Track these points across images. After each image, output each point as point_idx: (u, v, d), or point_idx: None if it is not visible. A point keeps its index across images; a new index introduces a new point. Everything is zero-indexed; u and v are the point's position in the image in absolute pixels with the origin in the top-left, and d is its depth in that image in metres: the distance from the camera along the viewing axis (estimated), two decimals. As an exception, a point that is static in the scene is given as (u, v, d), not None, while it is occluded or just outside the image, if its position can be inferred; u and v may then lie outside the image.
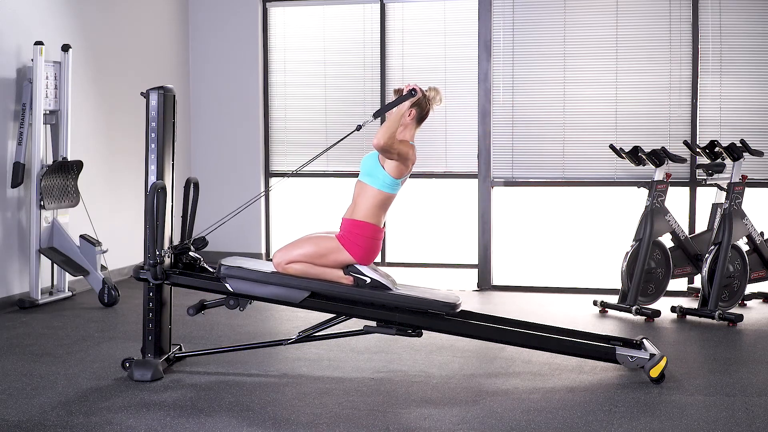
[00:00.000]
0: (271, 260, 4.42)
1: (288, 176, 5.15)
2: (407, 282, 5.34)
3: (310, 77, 7.99)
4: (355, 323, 4.43)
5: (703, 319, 5.71)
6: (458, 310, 4.29)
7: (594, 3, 6.89)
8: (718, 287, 5.70)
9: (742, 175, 5.85)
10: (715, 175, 6.00)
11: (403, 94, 4.33)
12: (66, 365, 4.53)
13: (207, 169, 8.18)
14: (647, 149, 6.20)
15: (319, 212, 8.07)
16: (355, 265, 4.28)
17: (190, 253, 4.47)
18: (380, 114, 4.40)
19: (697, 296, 6.35)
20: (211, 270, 4.44)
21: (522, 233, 7.20)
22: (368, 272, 4.28)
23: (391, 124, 4.18)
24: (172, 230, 4.47)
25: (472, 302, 6.41)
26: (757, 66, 6.65)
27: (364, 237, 4.24)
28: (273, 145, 8.13)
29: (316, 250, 4.25)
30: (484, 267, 7.00)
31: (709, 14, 6.69)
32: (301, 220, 8.14)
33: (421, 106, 4.34)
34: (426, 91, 4.37)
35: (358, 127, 4.45)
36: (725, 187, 5.89)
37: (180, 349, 4.59)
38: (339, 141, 4.72)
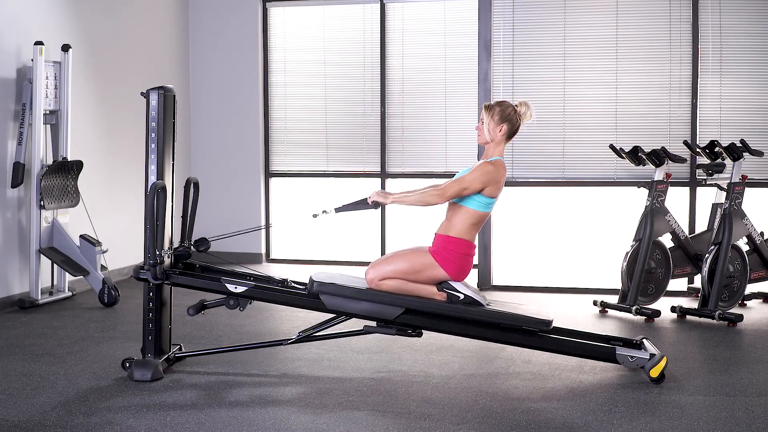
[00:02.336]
0: (363, 275, 4.39)
1: (283, 223, 5.15)
2: (501, 298, 5.31)
3: (310, 77, 7.99)
4: (355, 323, 4.43)
5: (703, 319, 5.71)
6: (551, 327, 4.29)
7: (594, 3, 6.89)
8: (718, 287, 5.70)
9: (742, 175, 5.86)
10: (715, 175, 6.00)
11: (369, 203, 4.41)
12: (66, 365, 4.53)
13: (207, 169, 8.18)
14: (647, 149, 6.20)
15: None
16: (449, 282, 4.28)
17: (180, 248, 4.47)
18: (341, 210, 4.49)
19: (697, 296, 6.35)
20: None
21: (522, 233, 7.20)
22: (462, 288, 4.28)
23: (418, 204, 4.28)
24: (172, 230, 4.47)
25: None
26: (757, 66, 6.65)
27: (458, 253, 4.25)
28: (273, 145, 8.13)
29: (409, 266, 4.25)
30: (484, 267, 7.00)
31: (709, 14, 6.69)
32: (301, 221, 8.14)
33: (512, 121, 4.32)
34: (517, 105, 4.35)
35: (321, 213, 4.57)
36: (725, 187, 5.89)
37: (180, 349, 4.60)
38: (308, 220, 4.81)
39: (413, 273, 4.25)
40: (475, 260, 7.06)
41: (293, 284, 4.49)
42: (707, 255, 5.79)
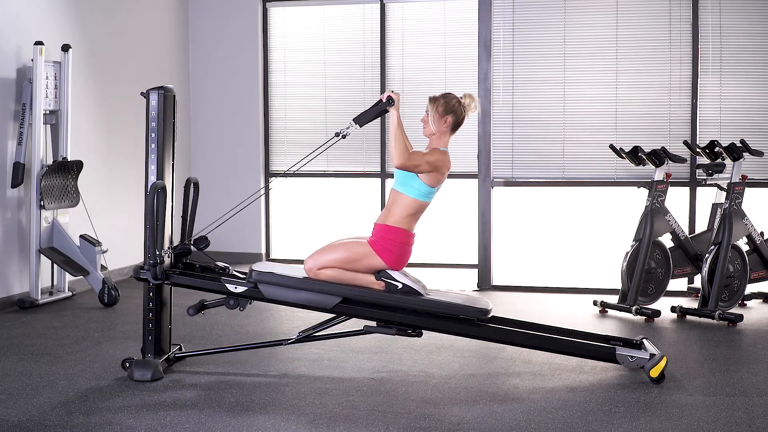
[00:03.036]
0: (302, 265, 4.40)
1: (283, 176, 5.15)
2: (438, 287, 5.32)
3: (310, 77, 7.99)
4: (355, 323, 4.43)
5: (703, 319, 5.71)
6: (489, 315, 4.29)
7: (594, 3, 6.89)
8: (718, 287, 5.69)
9: (742, 175, 5.85)
10: (715, 175, 6.00)
11: (381, 101, 4.33)
12: (66, 365, 4.53)
13: (207, 169, 8.18)
14: (647, 149, 6.20)
15: (319, 212, 8.08)
16: (387, 271, 4.28)
17: (195, 250, 4.47)
18: (361, 121, 4.39)
19: (697, 296, 6.35)
20: (221, 266, 4.44)
21: (522, 233, 7.20)
22: (400, 277, 4.28)
23: (396, 140, 4.20)
24: (172, 230, 4.47)
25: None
26: (757, 66, 6.65)
27: (396, 243, 4.25)
28: (273, 145, 8.13)
29: (348, 255, 4.25)
30: (484, 267, 7.00)
31: (709, 14, 6.69)
32: (301, 220, 8.15)
33: (456, 113, 4.34)
34: (462, 97, 4.36)
35: (339, 135, 4.44)
36: (725, 187, 5.89)
37: (180, 349, 4.60)
38: (322, 149, 4.71)
39: (351, 262, 4.25)
40: (475, 260, 7.14)
41: (234, 273, 4.48)
42: (707, 255, 5.79)
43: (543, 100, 6.96)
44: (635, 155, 6.18)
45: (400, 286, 4.26)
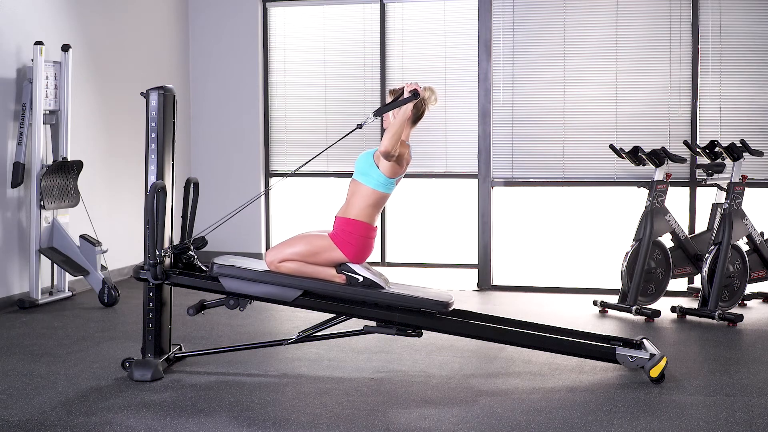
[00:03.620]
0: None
1: (288, 176, 5.15)
2: (406, 281, 5.34)
3: (310, 77, 7.99)
4: (355, 323, 4.43)
5: (703, 319, 5.71)
6: (450, 308, 4.28)
7: (594, 3, 6.89)
8: (718, 287, 5.70)
9: (742, 175, 5.86)
10: (715, 175, 6.00)
11: (404, 95, 4.29)
12: (66, 365, 4.53)
13: (207, 169, 8.18)
14: (647, 149, 6.20)
15: (319, 212, 8.07)
16: (348, 264, 4.28)
17: (189, 252, 4.47)
18: (381, 112, 4.37)
19: (697, 296, 6.35)
20: (204, 269, 4.44)
21: (522, 233, 7.20)
22: (361, 271, 4.27)
23: (397, 129, 4.18)
24: (172, 230, 4.47)
25: (472, 302, 6.41)
26: (757, 66, 6.65)
27: (356, 236, 4.24)
28: (273, 145, 8.13)
29: (308, 248, 4.24)
30: (484, 267, 7.00)
31: (709, 14, 6.69)
32: (301, 221, 8.14)
33: (417, 106, 4.33)
34: (421, 90, 4.35)
35: (359, 126, 4.43)
36: (725, 187, 5.89)
37: (180, 349, 4.59)
38: (339, 139, 4.73)
39: (312, 255, 4.24)
40: (475, 260, 7.14)
41: (200, 267, 4.48)
42: (707, 255, 5.79)
43: (543, 100, 6.96)
44: (635, 155, 6.18)
45: (361, 279, 4.26)
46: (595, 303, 6.09)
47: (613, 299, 6.09)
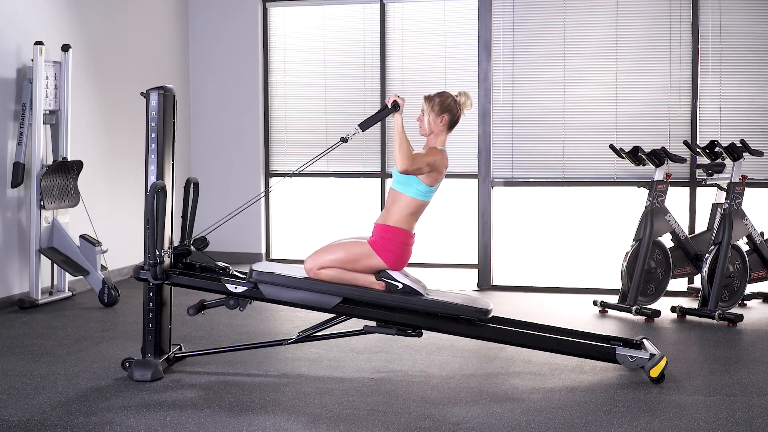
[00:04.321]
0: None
1: (288, 176, 5.15)
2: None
3: (310, 77, 7.99)
4: (355, 323, 4.43)
5: (703, 319, 5.71)
6: (490, 315, 4.29)
7: (594, 3, 6.89)
8: (718, 287, 5.70)
9: (742, 175, 5.86)
10: (715, 175, 6.00)
11: (388, 107, 4.32)
12: (66, 365, 4.53)
13: (207, 169, 8.18)
14: (647, 149, 6.20)
15: (319, 213, 8.08)
16: (387, 271, 4.28)
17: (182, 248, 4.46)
18: (366, 126, 4.37)
19: (697, 296, 6.35)
20: (219, 267, 4.44)
21: (522, 233, 7.20)
22: (400, 277, 4.28)
23: (400, 145, 4.17)
24: (172, 230, 4.47)
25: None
26: (757, 66, 6.65)
27: (396, 242, 4.25)
28: (273, 145, 8.13)
29: (347, 255, 4.24)
30: (484, 267, 7.00)
31: (709, 14, 6.69)
32: (301, 221, 8.15)
33: (452, 111, 4.34)
34: (457, 95, 4.35)
35: (343, 139, 4.40)
36: (725, 187, 5.89)
37: (180, 349, 4.60)
38: (325, 153, 4.68)
39: (351, 262, 4.24)
40: (475, 260, 7.13)
41: (235, 273, 4.48)
42: (707, 255, 5.79)
43: (543, 100, 6.96)
44: (635, 155, 6.18)
45: (400, 286, 4.26)
46: (595, 303, 6.09)
47: (613, 299, 6.09)
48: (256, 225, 8.08)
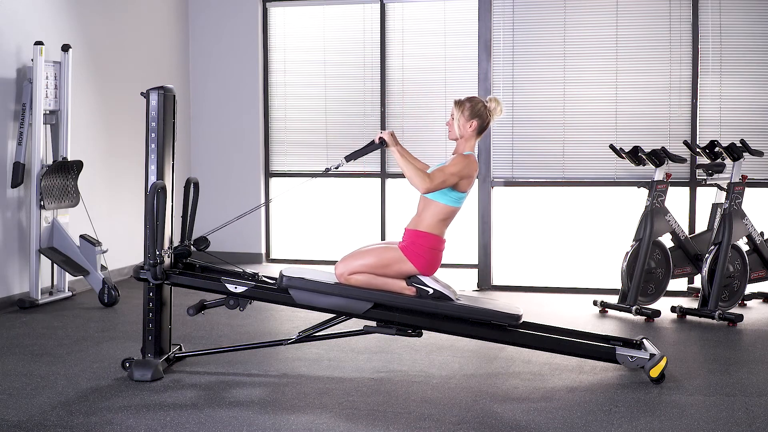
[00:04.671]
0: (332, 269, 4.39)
1: (286, 193, 5.16)
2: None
3: (310, 77, 7.99)
4: (355, 323, 4.43)
5: (703, 319, 5.71)
6: (521, 321, 4.29)
7: (594, 3, 6.89)
8: (718, 287, 5.70)
9: (742, 175, 5.86)
10: (715, 175, 6.00)
11: (375, 143, 4.37)
12: (66, 365, 4.53)
13: (207, 169, 8.18)
14: (647, 149, 6.20)
15: (319, 213, 8.08)
16: (418, 276, 4.27)
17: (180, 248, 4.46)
18: (351, 158, 4.41)
19: (697, 296, 6.35)
20: (248, 275, 4.43)
21: (522, 233, 7.20)
22: (431, 283, 4.27)
23: (409, 171, 4.18)
24: (172, 230, 4.47)
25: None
26: (757, 66, 6.65)
27: (427, 248, 4.25)
28: (273, 145, 8.13)
29: (378, 260, 4.24)
30: (484, 267, 7.00)
31: (709, 14, 6.69)
32: (301, 220, 8.15)
33: (482, 117, 4.32)
34: (487, 101, 4.35)
35: (327, 170, 4.47)
36: (725, 187, 5.89)
37: (180, 349, 4.59)
38: (311, 177, 4.70)
39: (382, 267, 4.24)
40: (475, 260, 7.13)
41: (264, 279, 4.48)
42: (707, 255, 5.79)
43: (543, 100, 6.96)
44: (635, 155, 6.17)
45: (431, 291, 4.25)
46: (595, 303, 6.09)
47: (613, 299, 6.08)
48: (256, 225, 8.08)
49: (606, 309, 6.04)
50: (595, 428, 3.59)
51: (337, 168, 4.42)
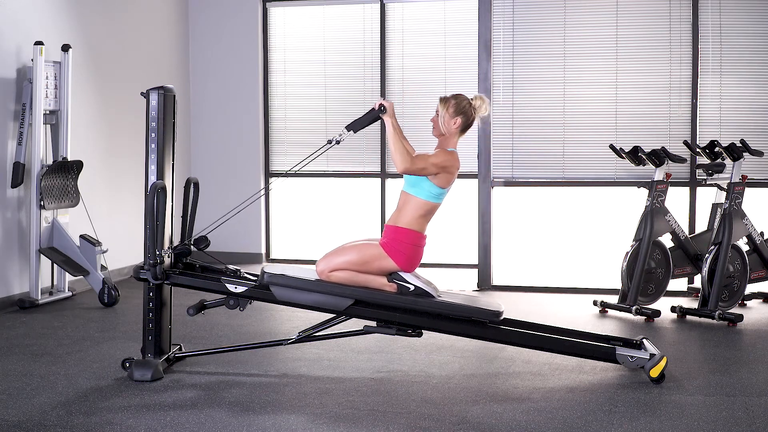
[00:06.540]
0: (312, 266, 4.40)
1: (283, 176, 5.15)
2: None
3: (310, 77, 7.99)
4: (355, 323, 4.43)
5: (703, 319, 5.71)
6: (501, 318, 4.29)
7: (594, 3, 6.89)
8: (718, 287, 5.70)
9: (742, 175, 5.86)
10: (715, 175, 6.00)
11: (374, 109, 4.34)
12: (66, 365, 4.53)
13: (207, 169, 8.18)
14: (647, 149, 6.20)
15: (319, 212, 8.08)
16: (399, 273, 4.28)
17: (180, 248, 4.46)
18: (353, 127, 4.38)
19: (697, 296, 6.35)
20: (230, 270, 4.43)
21: (522, 233, 7.20)
22: (412, 279, 4.28)
23: (395, 145, 4.20)
24: (172, 230, 4.47)
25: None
26: (757, 66, 6.65)
27: (407, 244, 4.25)
28: (273, 145, 8.13)
29: (359, 257, 4.24)
30: (484, 267, 7.00)
31: (709, 14, 6.69)
32: (301, 220, 8.15)
33: (467, 114, 4.34)
34: (472, 99, 4.35)
35: (331, 141, 4.42)
36: (725, 187, 5.89)
37: (180, 349, 4.60)
38: (316, 155, 4.68)
39: (363, 264, 4.24)
40: (475, 260, 7.13)
41: (245, 275, 4.48)
42: (707, 255, 5.79)
43: (543, 100, 6.96)
44: (635, 155, 6.18)
45: (411, 288, 4.26)
46: (595, 303, 6.10)
47: (613, 299, 6.09)
48: (256, 225, 8.08)
49: (606, 309, 6.04)
50: (595, 428, 3.59)
51: (339, 141, 4.39)
